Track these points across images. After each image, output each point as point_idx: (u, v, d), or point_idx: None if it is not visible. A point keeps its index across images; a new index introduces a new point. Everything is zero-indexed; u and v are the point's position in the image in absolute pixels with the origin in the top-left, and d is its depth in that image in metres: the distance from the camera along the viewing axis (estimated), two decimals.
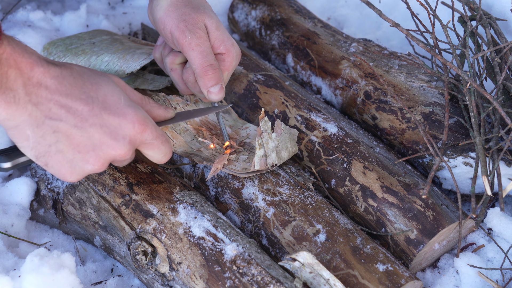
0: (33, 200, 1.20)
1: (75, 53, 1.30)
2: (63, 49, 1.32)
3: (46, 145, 0.93)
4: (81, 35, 1.36)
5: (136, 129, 0.95)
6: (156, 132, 0.98)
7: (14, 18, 1.46)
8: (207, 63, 1.10)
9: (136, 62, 1.25)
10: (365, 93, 1.26)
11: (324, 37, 1.37)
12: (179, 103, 1.20)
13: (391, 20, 1.15)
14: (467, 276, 1.09)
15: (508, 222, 1.12)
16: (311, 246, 1.04)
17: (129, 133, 0.95)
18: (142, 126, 0.95)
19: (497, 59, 1.16)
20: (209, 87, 1.10)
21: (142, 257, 1.05)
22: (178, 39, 1.10)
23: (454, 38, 1.40)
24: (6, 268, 1.10)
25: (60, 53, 1.31)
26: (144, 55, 1.25)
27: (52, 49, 1.33)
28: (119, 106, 0.95)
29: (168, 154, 1.01)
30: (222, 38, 1.12)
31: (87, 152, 0.94)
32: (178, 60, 1.15)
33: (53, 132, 0.92)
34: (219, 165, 1.11)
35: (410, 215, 1.08)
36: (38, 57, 0.91)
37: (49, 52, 1.33)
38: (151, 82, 1.30)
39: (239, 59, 1.16)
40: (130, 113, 0.95)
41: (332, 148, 1.17)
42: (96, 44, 1.32)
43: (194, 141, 1.16)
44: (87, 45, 1.32)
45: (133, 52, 1.27)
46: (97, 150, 0.94)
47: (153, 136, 0.97)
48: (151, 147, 0.99)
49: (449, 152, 1.14)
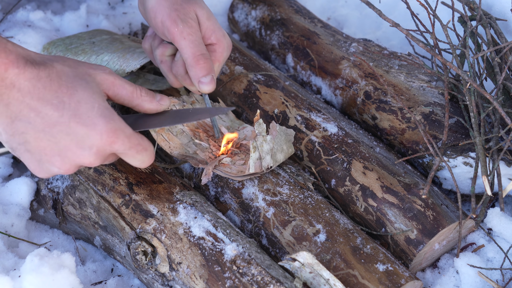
0: (33, 200, 1.20)
1: (75, 53, 1.30)
2: (63, 48, 1.32)
3: (16, 143, 0.93)
4: (81, 35, 1.36)
5: (104, 141, 0.93)
6: (130, 142, 0.95)
7: (14, 18, 1.46)
8: (199, 52, 1.08)
9: (136, 61, 1.24)
10: (365, 93, 1.26)
11: (324, 37, 1.37)
12: (175, 104, 1.20)
13: (391, 20, 1.15)
14: (467, 276, 1.09)
15: (508, 222, 1.12)
16: (311, 246, 1.04)
17: (96, 143, 0.93)
18: (111, 138, 0.93)
19: (497, 59, 1.16)
20: (200, 77, 1.08)
21: (142, 257, 1.05)
22: (169, 29, 1.09)
23: (454, 38, 1.40)
24: (6, 268, 1.10)
25: (60, 53, 1.31)
26: (144, 54, 1.25)
27: (52, 49, 1.33)
28: (90, 115, 0.93)
29: (146, 161, 0.99)
30: (213, 28, 1.12)
31: (53, 156, 0.94)
32: (168, 52, 1.14)
33: (22, 133, 0.92)
34: (211, 168, 1.11)
35: (410, 215, 1.08)
36: (17, 56, 0.90)
37: (49, 52, 1.33)
38: (153, 83, 1.30)
39: (230, 50, 1.15)
40: (99, 123, 0.93)
41: (332, 148, 1.17)
42: (96, 44, 1.32)
43: (191, 143, 1.16)
44: (87, 45, 1.32)
45: (133, 51, 1.27)
46: (62, 156, 0.93)
47: (125, 147, 0.95)
48: (124, 156, 0.97)
49: (449, 152, 1.14)
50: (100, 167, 1.14)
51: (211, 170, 1.11)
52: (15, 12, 1.48)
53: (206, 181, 1.11)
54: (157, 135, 1.15)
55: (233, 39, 1.41)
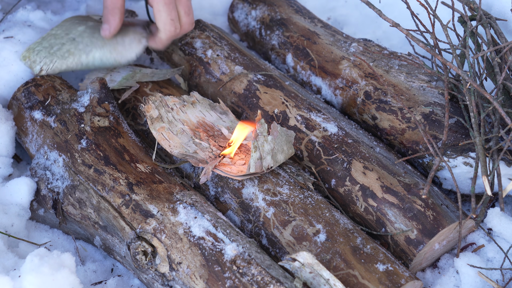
0: (33, 200, 1.20)
1: (62, 56, 1.28)
2: (46, 54, 1.29)
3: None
4: (55, 33, 1.31)
5: None
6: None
7: (14, 18, 1.46)
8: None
9: (130, 52, 1.26)
10: (365, 93, 1.26)
11: (324, 37, 1.37)
12: (176, 103, 1.20)
13: (391, 20, 1.15)
14: (467, 276, 1.09)
15: (508, 222, 1.12)
16: (311, 246, 1.04)
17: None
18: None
19: (497, 59, 1.16)
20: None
21: (142, 257, 1.05)
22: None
23: (454, 38, 1.40)
24: (6, 268, 1.10)
25: (46, 60, 1.28)
26: (134, 42, 1.25)
27: (34, 56, 1.30)
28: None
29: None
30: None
31: None
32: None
33: None
34: (211, 167, 1.11)
35: (410, 215, 1.08)
36: None
37: (33, 61, 1.29)
38: (152, 75, 1.30)
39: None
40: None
41: (332, 148, 1.17)
42: (77, 40, 1.29)
43: (191, 142, 1.16)
44: (69, 44, 1.29)
45: (122, 42, 1.27)
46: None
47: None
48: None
49: (449, 152, 1.14)
50: (100, 167, 1.14)
51: (210, 170, 1.11)
52: (15, 12, 1.48)
53: (204, 180, 1.11)
54: (158, 134, 1.15)
55: (233, 39, 1.41)
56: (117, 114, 1.22)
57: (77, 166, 1.15)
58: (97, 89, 1.23)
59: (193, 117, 1.20)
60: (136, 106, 1.29)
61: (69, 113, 1.21)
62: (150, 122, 1.16)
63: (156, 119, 1.16)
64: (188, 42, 1.39)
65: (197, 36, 1.39)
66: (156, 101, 1.19)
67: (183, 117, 1.19)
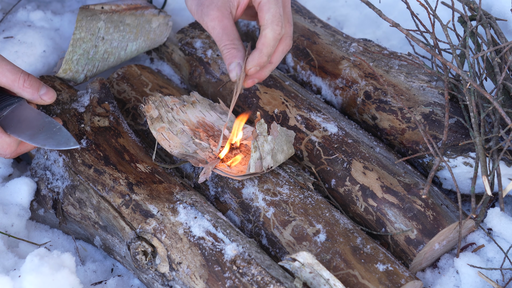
0: (33, 200, 1.20)
1: (103, 59, 1.29)
2: (86, 61, 1.28)
3: None
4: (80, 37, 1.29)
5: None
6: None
7: (14, 18, 1.46)
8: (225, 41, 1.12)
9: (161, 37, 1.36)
10: (365, 93, 1.26)
11: (324, 37, 1.37)
12: (175, 103, 1.20)
13: (391, 20, 1.15)
14: (467, 276, 1.09)
15: (508, 222, 1.12)
16: (311, 246, 1.04)
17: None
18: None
19: (497, 59, 1.16)
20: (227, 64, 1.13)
21: (142, 257, 1.05)
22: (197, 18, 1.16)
23: (454, 38, 1.40)
24: (6, 268, 1.10)
25: (88, 66, 1.29)
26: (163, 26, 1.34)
27: (75, 66, 1.28)
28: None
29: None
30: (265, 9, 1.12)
31: None
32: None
33: None
34: (211, 167, 1.11)
35: (410, 215, 1.08)
36: None
37: (75, 71, 1.28)
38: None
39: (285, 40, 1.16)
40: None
41: (332, 148, 1.17)
42: (107, 39, 1.30)
43: (191, 142, 1.16)
44: (103, 45, 1.30)
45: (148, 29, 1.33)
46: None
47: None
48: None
49: (449, 152, 1.14)
50: (100, 167, 1.14)
51: (210, 170, 1.11)
52: (15, 12, 1.48)
53: (203, 180, 1.11)
54: (158, 134, 1.15)
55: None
56: (117, 114, 1.23)
57: (77, 166, 1.15)
58: (97, 89, 1.23)
59: (193, 117, 1.20)
60: (136, 106, 1.29)
61: (69, 113, 1.21)
62: (150, 122, 1.16)
63: (156, 119, 1.16)
64: (188, 42, 1.39)
65: (197, 36, 1.39)
66: (156, 101, 1.19)
67: (183, 117, 1.19)
